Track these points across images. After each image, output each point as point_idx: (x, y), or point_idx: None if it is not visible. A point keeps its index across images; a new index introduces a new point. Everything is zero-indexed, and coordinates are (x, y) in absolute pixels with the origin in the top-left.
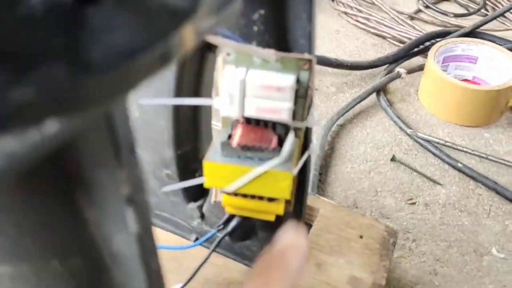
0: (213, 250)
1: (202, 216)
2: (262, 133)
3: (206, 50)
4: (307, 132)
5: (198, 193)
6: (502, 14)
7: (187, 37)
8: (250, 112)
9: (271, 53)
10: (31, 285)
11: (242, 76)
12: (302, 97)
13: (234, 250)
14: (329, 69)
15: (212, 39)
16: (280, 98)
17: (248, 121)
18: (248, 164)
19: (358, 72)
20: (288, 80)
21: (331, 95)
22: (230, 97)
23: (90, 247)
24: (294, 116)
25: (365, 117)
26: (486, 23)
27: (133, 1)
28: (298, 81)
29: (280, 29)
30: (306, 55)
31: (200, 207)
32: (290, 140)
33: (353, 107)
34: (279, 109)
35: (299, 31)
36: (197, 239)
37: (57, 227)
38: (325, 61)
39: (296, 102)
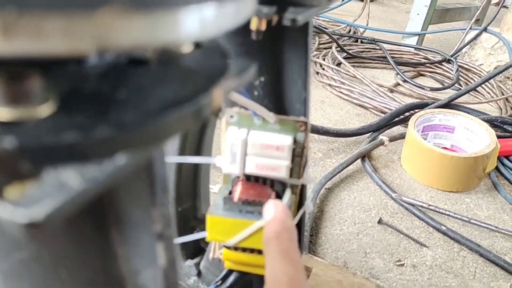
0: None
1: (199, 273)
2: (261, 189)
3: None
4: (303, 189)
5: (196, 251)
6: (474, 88)
7: (217, 96)
8: (251, 169)
9: (271, 115)
10: None
11: (244, 136)
12: (299, 156)
13: None
14: (316, 136)
15: (232, 95)
16: (278, 157)
17: (248, 178)
18: (248, 218)
19: (343, 139)
20: (286, 140)
21: (318, 160)
22: (232, 155)
23: (117, 281)
24: (291, 173)
25: (351, 182)
26: (460, 95)
27: (173, 64)
28: (295, 141)
29: (278, 94)
30: (302, 118)
31: (197, 265)
32: (288, 195)
33: (340, 171)
34: (278, 166)
35: (295, 97)
36: None
37: (90, 261)
38: (312, 129)
39: (293, 160)
